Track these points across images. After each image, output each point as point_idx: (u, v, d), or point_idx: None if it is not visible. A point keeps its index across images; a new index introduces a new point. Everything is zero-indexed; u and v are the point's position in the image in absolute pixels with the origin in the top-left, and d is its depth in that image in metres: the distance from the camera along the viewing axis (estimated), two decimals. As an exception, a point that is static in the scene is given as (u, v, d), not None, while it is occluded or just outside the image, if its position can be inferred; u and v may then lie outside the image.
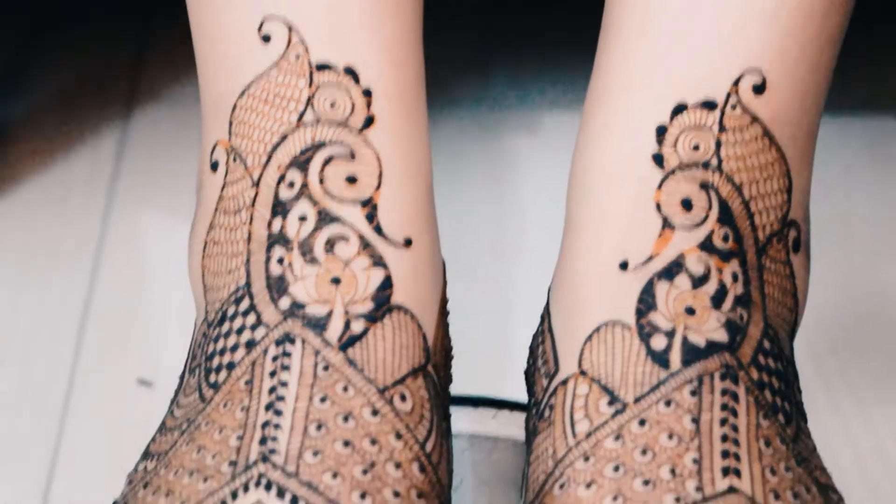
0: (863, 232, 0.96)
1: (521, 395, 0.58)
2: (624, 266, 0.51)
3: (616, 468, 0.49)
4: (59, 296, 0.92)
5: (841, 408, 0.86)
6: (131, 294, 0.92)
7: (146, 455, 0.52)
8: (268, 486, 0.48)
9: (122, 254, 0.95)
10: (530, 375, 0.55)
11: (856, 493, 0.59)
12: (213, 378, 0.51)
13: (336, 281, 0.51)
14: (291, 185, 0.52)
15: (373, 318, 0.51)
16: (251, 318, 0.51)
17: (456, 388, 0.57)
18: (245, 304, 0.52)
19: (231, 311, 0.52)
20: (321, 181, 0.52)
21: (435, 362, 0.52)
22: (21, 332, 0.90)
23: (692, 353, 0.50)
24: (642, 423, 0.50)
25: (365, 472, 0.49)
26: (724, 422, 0.50)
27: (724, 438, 0.49)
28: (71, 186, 1.00)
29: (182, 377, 0.54)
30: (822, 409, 0.84)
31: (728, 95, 0.51)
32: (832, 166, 0.99)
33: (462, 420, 0.57)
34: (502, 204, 0.97)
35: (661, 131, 0.52)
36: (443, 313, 0.54)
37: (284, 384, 0.50)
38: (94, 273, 0.94)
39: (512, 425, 0.58)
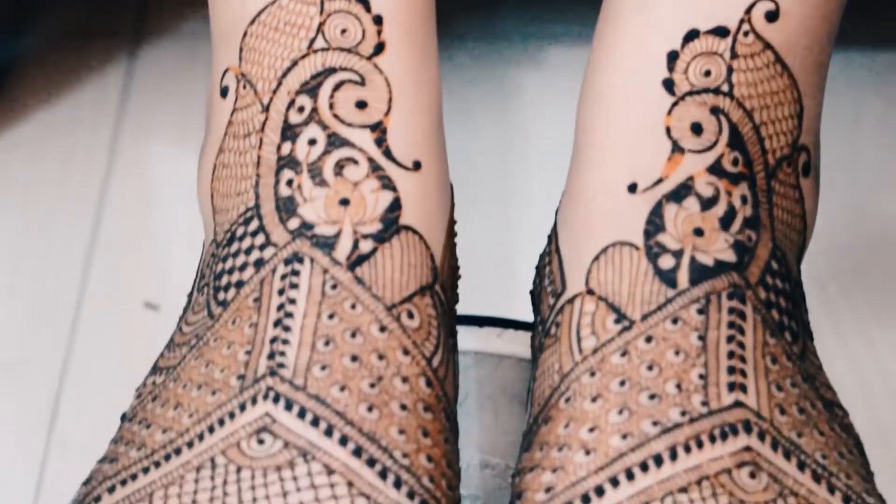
0: (869, 162, 0.97)
1: (527, 316, 0.58)
2: (633, 188, 0.52)
3: (622, 383, 0.49)
4: (66, 223, 0.92)
5: (844, 333, 0.86)
6: (138, 220, 0.93)
7: (154, 370, 0.53)
8: (276, 399, 0.48)
9: (129, 181, 0.95)
10: (536, 295, 0.55)
11: (859, 416, 0.60)
12: (221, 296, 0.52)
13: (345, 202, 0.51)
14: (301, 109, 0.52)
15: (381, 238, 0.51)
16: (260, 239, 0.52)
17: (462, 308, 0.57)
18: (254, 224, 0.52)
19: (240, 231, 0.52)
20: (331, 106, 0.52)
21: (442, 282, 0.53)
22: (30, 259, 0.90)
23: (700, 273, 0.50)
24: (649, 339, 0.50)
25: (372, 385, 0.49)
26: (730, 339, 0.50)
27: (731, 355, 0.50)
28: (78, 117, 1.00)
29: (190, 296, 0.55)
30: (825, 334, 0.85)
31: (741, 22, 0.51)
32: (840, 97, 0.99)
33: (468, 339, 0.58)
34: (509, 133, 0.98)
35: (673, 57, 0.52)
36: (450, 235, 0.54)
37: (293, 301, 0.50)
38: (101, 202, 0.94)
39: (517, 344, 0.58)
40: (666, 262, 0.51)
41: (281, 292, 0.50)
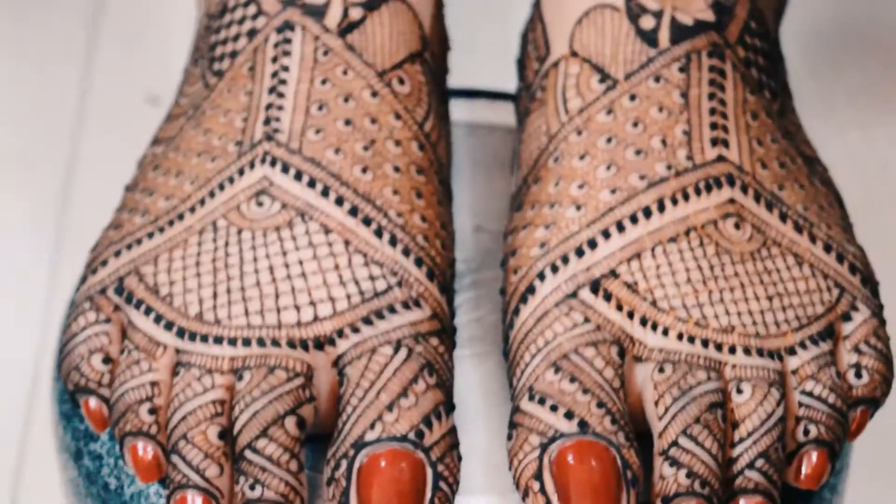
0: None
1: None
2: None
3: (609, 140, 0.51)
4: (65, 15, 0.93)
5: (836, 112, 0.87)
6: (141, 10, 0.93)
7: (154, 142, 0.54)
8: (273, 163, 0.50)
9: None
10: (522, 62, 0.56)
11: (850, 196, 0.61)
12: (216, 66, 0.53)
13: None
14: None
15: (370, 6, 0.52)
16: (252, 9, 0.53)
17: (454, 82, 0.58)
18: None
19: (231, 2, 0.53)
20: None
21: (432, 50, 0.54)
22: (29, 50, 0.91)
23: (680, 32, 0.51)
24: (633, 98, 0.51)
25: (366, 148, 0.51)
26: (711, 96, 0.51)
27: (713, 112, 0.51)
28: None
29: (186, 71, 0.56)
30: (817, 114, 0.85)
31: None
32: None
33: (460, 110, 0.59)
34: None
35: None
36: (438, 4, 0.55)
37: (286, 68, 0.51)
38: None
39: (508, 115, 0.59)
40: (647, 22, 0.52)
41: (274, 60, 0.52)
